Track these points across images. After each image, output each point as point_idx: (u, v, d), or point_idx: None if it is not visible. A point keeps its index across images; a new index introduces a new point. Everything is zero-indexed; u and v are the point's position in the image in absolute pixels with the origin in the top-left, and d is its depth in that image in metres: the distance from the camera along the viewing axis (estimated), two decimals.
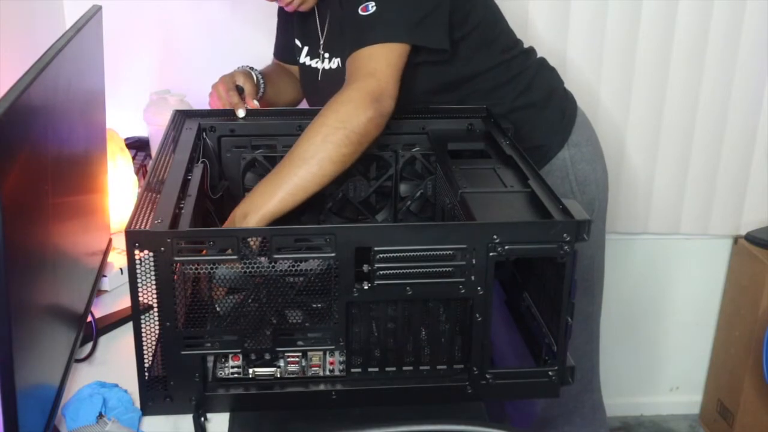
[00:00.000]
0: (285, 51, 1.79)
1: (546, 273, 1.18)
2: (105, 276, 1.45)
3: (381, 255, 1.09)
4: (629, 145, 2.24)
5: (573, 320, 1.13)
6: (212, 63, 2.01)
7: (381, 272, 1.10)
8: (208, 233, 1.16)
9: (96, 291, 1.35)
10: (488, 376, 1.16)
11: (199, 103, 1.83)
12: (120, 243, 1.45)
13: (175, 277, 1.07)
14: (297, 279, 1.10)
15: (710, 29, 2.13)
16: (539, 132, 1.63)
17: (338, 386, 1.15)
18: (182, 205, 1.18)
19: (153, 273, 1.07)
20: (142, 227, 1.07)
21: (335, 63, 1.59)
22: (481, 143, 1.47)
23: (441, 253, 1.10)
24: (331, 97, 1.36)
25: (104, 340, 1.32)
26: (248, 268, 1.08)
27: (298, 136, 1.50)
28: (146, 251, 1.06)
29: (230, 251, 1.08)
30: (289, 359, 1.16)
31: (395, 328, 1.15)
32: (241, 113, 1.54)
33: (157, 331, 1.11)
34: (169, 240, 1.05)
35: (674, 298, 2.48)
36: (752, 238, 2.30)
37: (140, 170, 1.84)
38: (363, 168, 1.53)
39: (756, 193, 2.31)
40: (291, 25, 1.71)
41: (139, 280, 1.06)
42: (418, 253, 1.10)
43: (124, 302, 1.40)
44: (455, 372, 1.18)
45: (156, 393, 1.13)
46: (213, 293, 1.12)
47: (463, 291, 1.11)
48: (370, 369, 1.16)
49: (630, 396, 2.56)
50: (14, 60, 1.53)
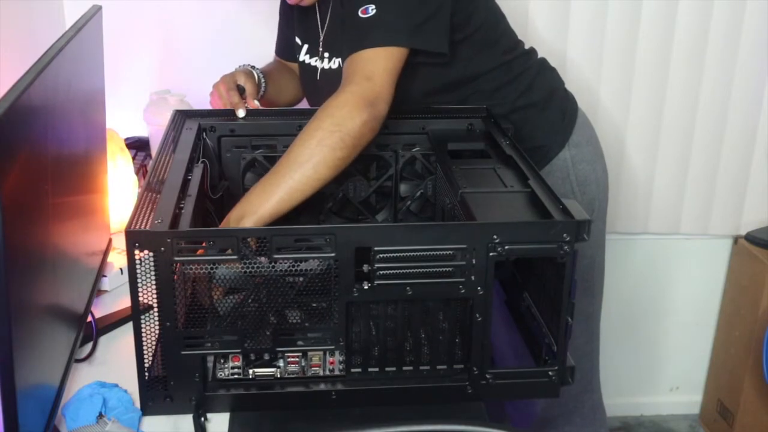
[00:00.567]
0: (286, 48, 1.78)
1: (546, 273, 1.18)
2: (105, 276, 1.45)
3: (381, 255, 1.09)
4: (629, 145, 2.24)
5: (573, 320, 1.13)
6: (212, 63, 2.01)
7: (381, 272, 1.10)
8: (208, 233, 1.16)
9: (96, 291, 1.35)
10: (488, 376, 1.16)
11: (199, 103, 1.83)
12: (120, 243, 1.45)
13: (175, 277, 1.07)
14: (297, 279, 1.10)
15: (710, 29, 2.13)
16: (540, 132, 1.63)
17: (338, 386, 1.15)
18: (182, 205, 1.18)
19: (153, 273, 1.07)
20: (142, 227, 1.07)
21: (335, 63, 1.58)
22: (481, 143, 1.47)
23: (441, 253, 1.10)
24: (328, 99, 1.36)
25: (104, 340, 1.32)
26: (248, 268, 1.08)
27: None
28: (146, 251, 1.06)
29: (230, 251, 1.08)
30: (289, 359, 1.16)
31: (395, 328, 1.15)
32: (242, 113, 1.54)
33: (157, 331, 1.11)
34: (169, 240, 1.05)
35: (674, 298, 2.48)
36: (752, 238, 2.30)
37: (140, 170, 1.84)
38: (363, 168, 1.53)
39: (756, 193, 2.31)
40: (292, 23, 1.71)
41: (139, 280, 1.06)
42: (418, 253, 1.10)
43: (124, 302, 1.40)
44: (455, 372, 1.18)
45: (156, 393, 1.13)
46: (213, 293, 1.12)
47: (463, 291, 1.11)
48: (370, 369, 1.16)
49: (630, 396, 2.56)
50: (14, 60, 1.53)
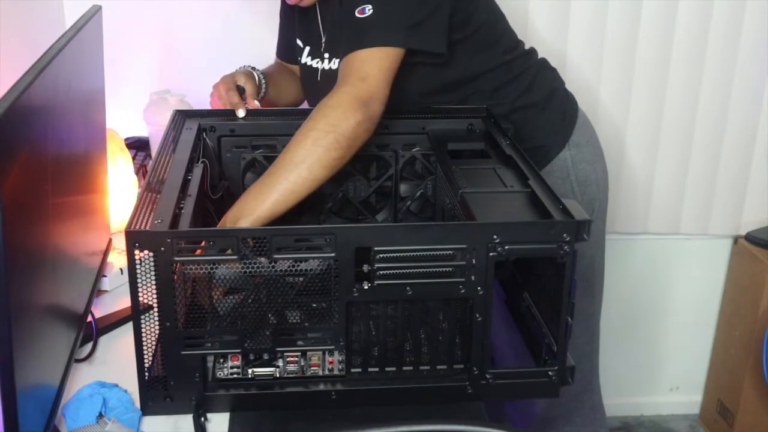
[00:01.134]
0: (287, 51, 1.78)
1: (546, 273, 1.18)
2: (105, 276, 1.45)
3: (381, 255, 1.09)
4: (629, 145, 2.24)
5: (573, 320, 1.13)
6: (212, 63, 2.01)
7: (381, 272, 1.10)
8: (208, 233, 1.16)
9: (96, 291, 1.35)
10: (488, 376, 1.16)
11: (199, 103, 1.83)
12: (120, 243, 1.45)
13: (175, 277, 1.07)
14: (297, 279, 1.10)
15: (710, 29, 2.13)
16: (540, 132, 1.63)
17: (338, 386, 1.15)
18: (182, 205, 1.18)
19: (153, 273, 1.07)
20: (142, 227, 1.07)
21: (335, 64, 1.58)
22: (481, 143, 1.47)
23: (441, 253, 1.10)
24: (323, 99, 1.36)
25: (104, 340, 1.32)
26: (248, 268, 1.08)
27: None
28: (146, 251, 1.06)
29: (230, 251, 1.08)
30: (288, 359, 1.15)
31: (395, 328, 1.15)
32: (241, 113, 1.54)
33: (157, 331, 1.11)
34: (169, 240, 1.05)
35: (674, 298, 2.48)
36: (752, 238, 2.30)
37: (140, 170, 1.84)
38: (363, 168, 1.53)
39: (756, 193, 2.31)
40: (293, 24, 1.71)
41: (139, 280, 1.06)
42: (418, 253, 1.10)
43: (124, 302, 1.40)
44: (455, 372, 1.18)
45: (156, 393, 1.13)
46: (213, 293, 1.12)
47: (463, 291, 1.11)
48: (370, 369, 1.16)
49: (630, 396, 2.56)
50: (14, 60, 1.53)
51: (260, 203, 1.26)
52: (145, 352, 1.11)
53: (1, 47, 1.53)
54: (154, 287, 1.07)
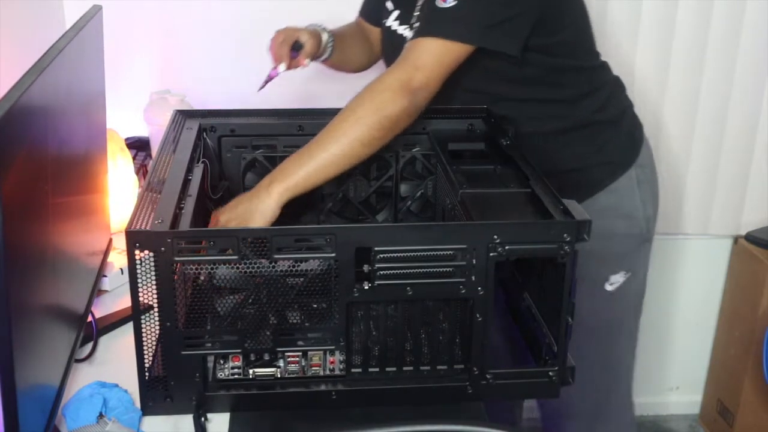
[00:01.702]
0: (372, 12, 1.73)
1: (546, 273, 1.18)
2: (105, 276, 1.45)
3: (381, 255, 1.09)
4: None
5: (573, 320, 1.13)
6: (212, 63, 2.01)
7: (381, 272, 1.10)
8: (208, 233, 1.16)
9: (96, 291, 1.35)
10: (488, 376, 1.16)
11: (199, 103, 1.83)
12: (120, 243, 1.45)
13: (175, 277, 1.07)
14: (297, 279, 1.10)
15: (710, 29, 2.13)
16: (612, 148, 1.61)
17: (338, 386, 1.15)
18: (182, 205, 1.18)
19: (153, 273, 1.07)
20: (143, 227, 1.07)
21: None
22: (481, 143, 1.47)
23: (441, 254, 1.10)
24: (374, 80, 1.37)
25: (104, 340, 1.32)
26: (248, 269, 1.08)
27: (299, 136, 1.51)
28: (146, 251, 1.06)
29: (230, 251, 1.08)
30: (289, 359, 1.15)
31: (395, 328, 1.15)
32: (282, 68, 1.55)
33: (157, 331, 1.11)
34: (170, 240, 1.05)
35: (674, 298, 2.48)
36: (752, 238, 2.29)
37: (140, 170, 1.84)
38: (363, 168, 1.53)
39: (756, 193, 2.31)
40: None
41: (139, 280, 1.06)
42: (419, 253, 1.10)
43: (124, 302, 1.40)
44: (455, 372, 1.18)
45: (156, 393, 1.13)
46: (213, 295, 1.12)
47: (464, 291, 1.11)
48: (371, 369, 1.16)
49: None
50: (14, 60, 1.53)
51: (296, 171, 1.29)
52: (145, 352, 1.11)
53: (1, 47, 1.53)
54: (155, 287, 1.07)
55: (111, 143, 1.57)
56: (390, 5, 1.62)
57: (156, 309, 1.09)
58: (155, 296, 1.08)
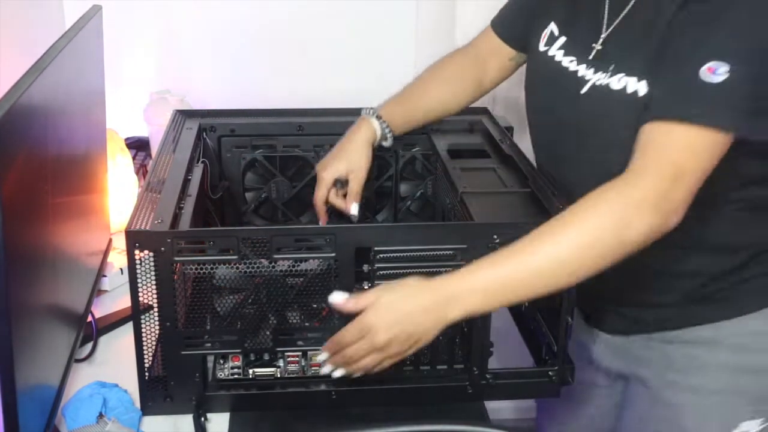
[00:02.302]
0: (517, 29, 1.37)
1: None
2: (105, 276, 1.45)
3: (381, 255, 1.09)
4: None
5: (573, 320, 1.13)
6: (212, 63, 2.01)
7: (381, 272, 1.10)
8: (208, 233, 1.16)
9: (96, 291, 1.35)
10: (488, 376, 1.16)
11: (199, 103, 1.83)
12: (120, 243, 1.45)
13: (175, 277, 1.07)
14: (297, 279, 1.10)
15: None
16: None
17: (338, 386, 1.15)
18: (182, 205, 1.18)
19: (153, 273, 1.07)
20: (142, 227, 1.07)
21: (622, 82, 1.10)
22: (481, 143, 1.47)
23: (441, 253, 1.10)
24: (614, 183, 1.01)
25: (104, 340, 1.32)
26: (248, 269, 1.08)
27: (299, 136, 1.51)
28: (146, 251, 1.06)
29: (230, 251, 1.08)
30: (289, 359, 1.16)
31: None
32: (353, 209, 1.30)
33: (157, 331, 1.11)
34: (169, 240, 1.05)
35: None
36: None
37: (140, 170, 1.84)
38: None
39: None
40: (542, 3, 1.29)
41: (139, 280, 1.06)
42: (418, 253, 1.10)
43: (124, 302, 1.40)
44: (455, 372, 1.18)
45: (156, 393, 1.13)
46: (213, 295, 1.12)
47: None
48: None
49: None
50: (14, 60, 1.53)
51: (489, 277, 1.01)
52: (145, 352, 1.11)
53: (1, 47, 1.53)
54: (154, 287, 1.07)
55: (111, 143, 1.57)
56: (555, 29, 1.25)
57: (156, 309, 1.09)
58: (155, 296, 1.08)
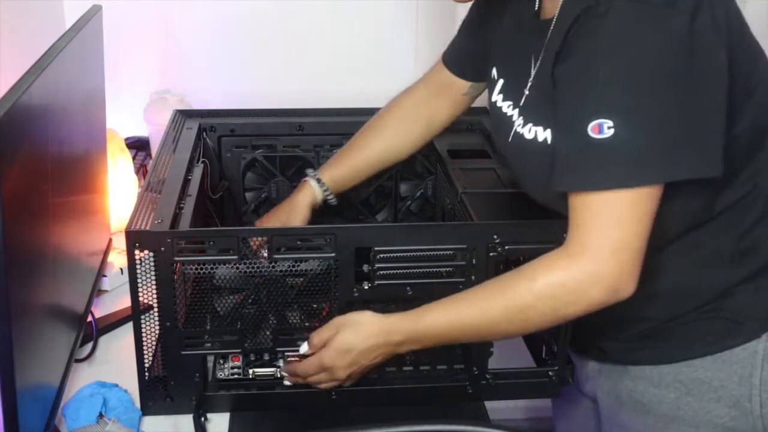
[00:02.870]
0: (460, 60, 1.33)
1: None
2: (105, 276, 1.45)
3: (381, 255, 1.09)
4: None
5: None
6: (212, 63, 2.01)
7: (381, 272, 1.10)
8: (208, 233, 1.16)
9: (96, 291, 1.35)
10: (488, 376, 1.16)
11: (199, 103, 1.83)
12: (120, 243, 1.45)
13: (175, 277, 1.07)
14: (297, 279, 1.10)
15: None
16: (746, 305, 1.11)
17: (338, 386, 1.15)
18: (182, 205, 1.18)
19: (153, 273, 1.07)
20: (142, 227, 1.07)
21: (532, 132, 1.08)
22: (481, 143, 1.47)
23: (441, 253, 1.10)
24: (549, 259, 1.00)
25: (104, 340, 1.32)
26: (248, 269, 1.08)
27: (299, 136, 1.51)
28: (146, 251, 1.06)
29: (230, 251, 1.08)
30: (289, 359, 1.15)
31: None
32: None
33: (157, 331, 1.11)
34: (169, 240, 1.05)
35: None
36: None
37: (140, 170, 1.84)
38: None
39: None
40: (484, 43, 1.25)
41: (139, 280, 1.06)
42: (418, 253, 1.10)
43: (124, 302, 1.40)
44: (455, 372, 1.18)
45: (156, 393, 1.13)
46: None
47: None
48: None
49: None
50: (14, 60, 1.53)
51: (437, 339, 1.07)
52: (145, 352, 1.11)
53: (1, 47, 1.53)
54: (154, 287, 1.07)
55: (111, 143, 1.57)
56: (494, 72, 1.21)
57: (156, 309, 1.09)
58: (155, 296, 1.08)
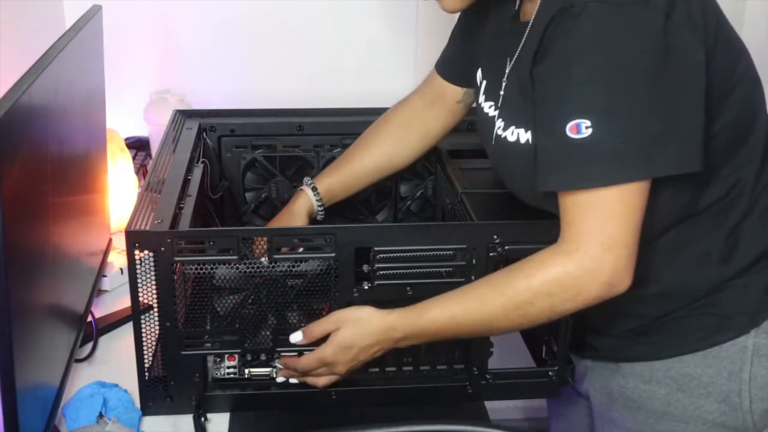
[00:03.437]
0: (453, 68, 1.36)
1: None
2: (105, 276, 1.45)
3: (381, 255, 1.09)
4: None
5: (572, 320, 1.13)
6: (212, 63, 2.01)
7: (381, 272, 1.10)
8: (208, 233, 1.16)
9: (96, 291, 1.35)
10: (488, 376, 1.16)
11: (199, 103, 1.83)
12: (120, 243, 1.45)
13: (175, 277, 1.07)
14: (297, 280, 1.10)
15: None
16: (734, 299, 1.12)
17: (338, 386, 1.15)
18: (182, 205, 1.18)
19: (153, 273, 1.07)
20: (142, 227, 1.07)
21: (514, 134, 1.10)
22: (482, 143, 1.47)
23: (441, 253, 1.10)
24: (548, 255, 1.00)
25: (104, 340, 1.32)
26: (248, 269, 1.08)
27: (299, 136, 1.51)
28: (146, 251, 1.06)
29: (230, 251, 1.08)
30: (283, 355, 1.15)
31: None
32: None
33: (157, 331, 1.11)
34: (169, 240, 1.05)
35: None
36: None
37: (140, 170, 1.84)
38: None
39: None
40: (473, 47, 1.27)
41: (139, 280, 1.06)
42: (418, 253, 1.10)
43: (124, 302, 1.40)
44: (455, 372, 1.18)
45: (156, 393, 1.13)
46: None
47: None
48: (371, 369, 1.16)
49: None
50: (14, 60, 1.53)
51: (436, 335, 1.07)
52: (145, 352, 1.11)
53: (1, 47, 1.53)
54: (154, 287, 1.07)
55: (111, 143, 1.57)
56: (479, 75, 1.23)
57: (156, 309, 1.09)
58: (155, 296, 1.08)
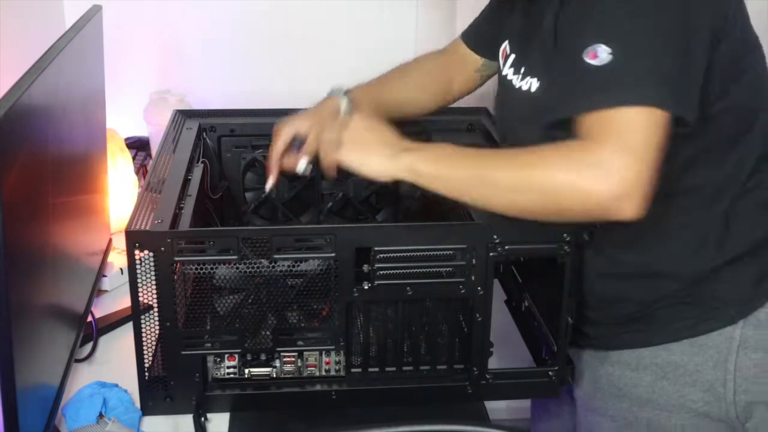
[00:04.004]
0: (480, 39, 1.39)
1: (546, 273, 1.18)
2: (105, 276, 1.45)
3: (381, 255, 1.09)
4: None
5: (572, 320, 1.13)
6: (212, 63, 2.02)
7: (381, 272, 1.10)
8: (208, 233, 1.16)
9: (96, 291, 1.35)
10: (488, 376, 1.16)
11: (199, 103, 1.83)
12: (120, 243, 1.45)
13: (175, 277, 1.07)
14: (297, 280, 1.10)
15: None
16: (726, 289, 1.11)
17: (338, 386, 1.15)
18: (182, 205, 1.18)
19: (153, 273, 1.07)
20: (142, 227, 1.07)
21: (528, 83, 1.13)
22: (481, 143, 1.47)
23: (441, 253, 1.10)
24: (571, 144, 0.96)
25: (104, 340, 1.32)
26: (248, 269, 1.08)
27: None
28: (146, 251, 1.06)
29: (230, 251, 1.08)
30: (285, 359, 1.15)
31: (395, 328, 1.15)
32: (268, 185, 1.27)
33: (157, 331, 1.11)
34: (169, 240, 1.05)
35: None
36: None
37: (140, 170, 1.84)
38: None
39: None
40: (501, 20, 1.28)
41: (139, 280, 1.06)
42: (418, 253, 1.10)
43: (124, 302, 1.40)
44: (455, 372, 1.18)
45: (156, 393, 1.13)
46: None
47: (464, 291, 1.11)
48: (370, 369, 1.16)
49: None
50: (14, 60, 1.53)
51: (437, 163, 1.04)
52: (145, 352, 1.11)
53: (1, 47, 1.53)
54: (154, 287, 1.07)
55: (111, 143, 1.57)
56: (507, 47, 1.24)
57: (156, 309, 1.09)
58: (155, 296, 1.08)
